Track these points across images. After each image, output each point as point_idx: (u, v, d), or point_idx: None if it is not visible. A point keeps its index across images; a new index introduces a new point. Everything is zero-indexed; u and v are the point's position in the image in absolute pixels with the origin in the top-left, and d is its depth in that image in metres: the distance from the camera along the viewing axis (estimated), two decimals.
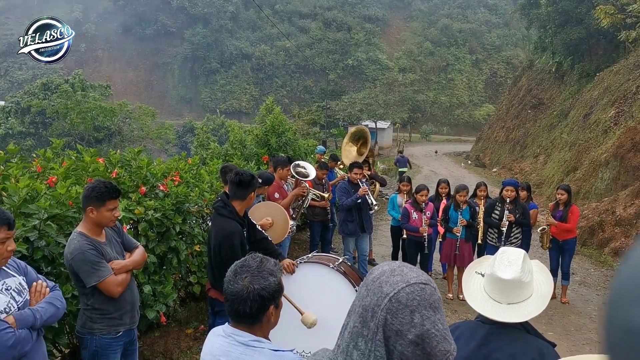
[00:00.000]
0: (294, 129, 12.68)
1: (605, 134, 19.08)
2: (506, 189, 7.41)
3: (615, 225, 12.70)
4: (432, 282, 1.41)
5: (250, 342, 1.86)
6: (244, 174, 4.19)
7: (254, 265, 1.89)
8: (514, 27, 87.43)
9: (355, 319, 1.38)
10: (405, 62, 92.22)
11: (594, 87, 24.52)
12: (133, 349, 3.79)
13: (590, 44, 28.25)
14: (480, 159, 37.35)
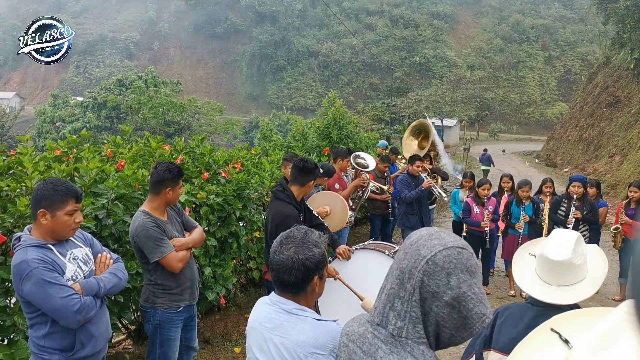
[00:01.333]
0: (355, 121, 12.68)
1: None
2: (573, 185, 7.13)
3: None
4: (469, 247, 1.42)
5: (294, 310, 1.91)
6: (309, 161, 4.31)
7: (299, 236, 1.94)
8: (590, 23, 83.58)
9: (392, 281, 1.41)
10: (474, 59, 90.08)
11: None
12: (192, 325, 3.96)
13: None
14: (551, 159, 36.01)
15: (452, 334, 1.35)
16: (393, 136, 40.05)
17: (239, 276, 6.14)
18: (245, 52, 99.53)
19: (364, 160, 7.73)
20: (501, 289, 7.87)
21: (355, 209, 7.51)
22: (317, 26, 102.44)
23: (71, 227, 2.85)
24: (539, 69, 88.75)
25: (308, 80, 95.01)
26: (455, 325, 1.34)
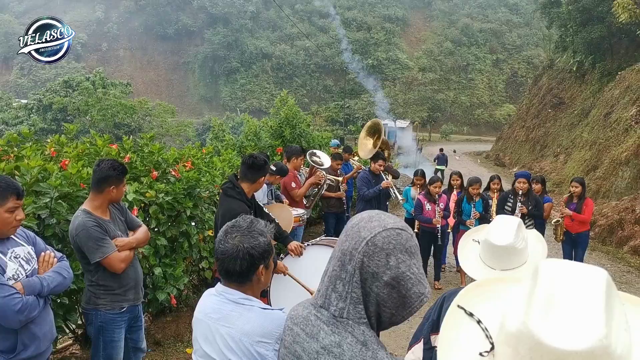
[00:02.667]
0: (307, 120, 12.71)
1: (626, 132, 18.80)
2: (518, 181, 7.38)
3: (635, 224, 12.51)
4: (410, 229, 1.44)
5: (240, 300, 1.90)
6: (258, 157, 4.27)
7: (245, 225, 1.92)
8: (535, 27, 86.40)
9: (334, 263, 1.43)
10: (425, 61, 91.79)
11: (615, 86, 24.16)
12: (138, 325, 3.87)
13: (611, 42, 27.84)
14: (500, 158, 37.05)
15: (392, 313, 1.37)
16: (347, 137, 40.37)
17: (190, 276, 6.04)
18: (198, 54, 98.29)
19: (319, 158, 7.77)
20: (452, 284, 8.04)
21: (310, 207, 7.52)
22: (270, 28, 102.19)
23: (12, 224, 2.76)
24: (487, 72, 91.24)
25: (262, 82, 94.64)
26: (395, 305, 1.35)
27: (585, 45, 28.93)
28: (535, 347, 0.83)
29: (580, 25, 28.64)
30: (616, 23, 23.06)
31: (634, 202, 13.53)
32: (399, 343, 5.59)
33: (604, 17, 25.81)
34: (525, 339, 0.85)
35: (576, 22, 29.03)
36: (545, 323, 0.84)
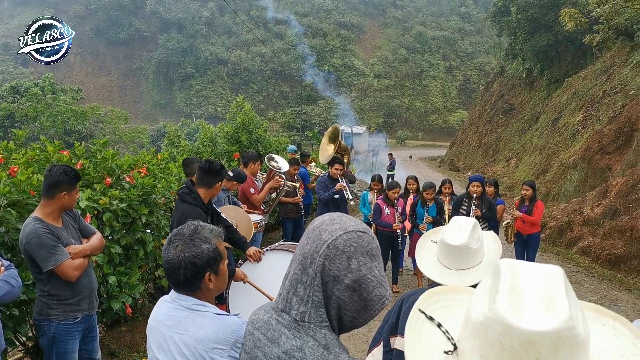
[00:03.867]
0: (264, 126, 12.67)
1: (573, 137, 19.48)
2: (472, 185, 7.54)
3: (583, 225, 12.95)
4: (371, 231, 1.44)
5: (194, 306, 1.87)
6: (215, 162, 4.22)
7: (187, 233, 1.88)
8: (486, 35, 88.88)
9: (295, 267, 1.41)
10: (380, 68, 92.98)
11: (563, 92, 25.05)
12: (93, 335, 3.75)
13: (558, 50, 28.86)
14: (454, 163, 37.79)
15: (353, 316, 1.36)
16: (304, 142, 40.47)
17: (146, 285, 5.89)
18: (151, 60, 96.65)
19: (277, 163, 7.76)
20: (410, 287, 8.12)
21: (268, 212, 7.48)
22: (225, 34, 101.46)
23: None
24: (440, 78, 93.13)
25: (217, 88, 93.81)
26: (357, 308, 1.35)
27: (533, 53, 29.91)
28: (504, 331, 0.85)
29: (529, 33, 29.59)
30: (563, 32, 23.92)
31: (582, 204, 14.01)
32: (359, 347, 5.60)
33: (551, 26, 26.73)
34: (494, 325, 0.87)
35: (525, 30, 29.97)
36: (513, 308, 0.87)
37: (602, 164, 15.73)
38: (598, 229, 12.24)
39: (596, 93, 20.07)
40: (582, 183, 16.12)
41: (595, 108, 19.34)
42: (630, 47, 21.23)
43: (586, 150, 16.69)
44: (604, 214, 12.54)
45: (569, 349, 0.84)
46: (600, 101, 19.24)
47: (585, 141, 17.28)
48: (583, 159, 16.60)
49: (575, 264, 11.15)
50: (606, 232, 11.79)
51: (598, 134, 16.80)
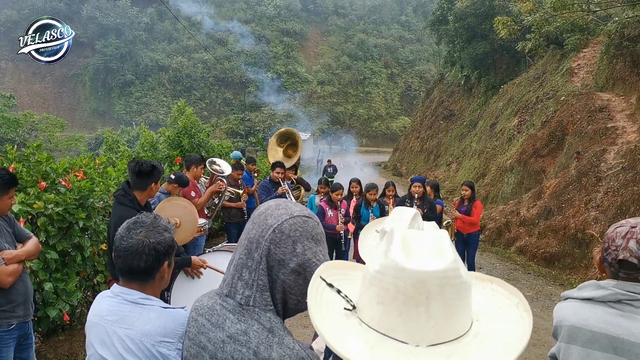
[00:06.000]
0: (206, 129, 12.54)
1: (509, 141, 20.23)
2: (414, 185, 7.80)
3: (520, 226, 13.47)
4: (315, 217, 1.48)
5: (140, 300, 1.84)
6: (144, 163, 4.13)
7: (148, 221, 1.88)
8: (426, 43, 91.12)
9: (240, 252, 1.43)
10: (324, 75, 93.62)
11: (499, 98, 26.00)
12: (28, 343, 3.62)
13: (494, 58, 29.95)
14: (398, 168, 38.49)
15: (298, 300, 1.39)
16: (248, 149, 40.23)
17: (84, 292, 5.71)
18: (89, 66, 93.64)
19: (219, 166, 7.68)
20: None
21: (211, 217, 7.40)
22: (165, 40, 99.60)
23: None
24: (383, 85, 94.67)
25: (159, 95, 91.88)
26: (302, 292, 1.37)
27: (471, 61, 30.91)
28: (398, 275, 0.94)
29: (466, 42, 30.58)
30: (498, 40, 24.86)
31: (519, 206, 14.58)
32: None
33: (487, 35, 27.73)
34: (389, 271, 0.95)
35: (462, 39, 30.95)
36: (405, 256, 0.96)
37: (536, 166, 16.41)
38: (534, 229, 12.77)
39: (530, 99, 20.95)
40: (519, 185, 16.77)
41: (529, 113, 20.18)
42: (560, 55, 22.29)
43: (522, 153, 17.38)
44: (539, 215, 13.09)
45: (454, 287, 0.94)
46: (533, 107, 20.09)
47: (521, 145, 17.99)
48: (519, 162, 17.27)
49: (513, 262, 11.62)
50: (541, 232, 12.31)
51: (532, 138, 17.53)
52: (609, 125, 14.50)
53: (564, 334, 1.94)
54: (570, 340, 1.91)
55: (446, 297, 0.94)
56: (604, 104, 15.80)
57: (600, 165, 12.57)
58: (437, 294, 0.93)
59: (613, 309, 1.83)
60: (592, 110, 15.57)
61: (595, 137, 14.33)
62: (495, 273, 10.48)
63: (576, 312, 1.92)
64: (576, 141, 15.06)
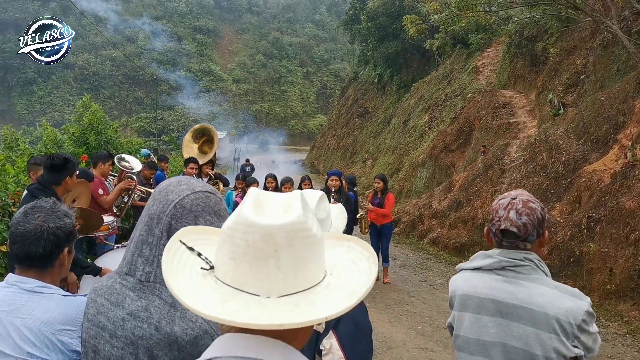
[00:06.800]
0: (114, 126, 12.03)
1: (421, 137, 20.93)
2: (331, 179, 7.96)
3: (432, 218, 13.98)
4: (218, 193, 1.48)
5: (37, 289, 1.74)
6: (57, 156, 3.96)
7: (47, 206, 1.79)
8: (340, 42, 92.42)
9: (141, 228, 1.40)
10: (239, 73, 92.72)
11: (411, 96, 26.84)
12: None
13: (406, 57, 30.87)
14: (315, 166, 38.80)
15: None
16: (161, 148, 39.14)
17: None
18: None
19: (128, 163, 7.36)
20: None
21: (120, 215, 7.08)
22: None
23: None
24: (299, 84, 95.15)
25: (64, 94, 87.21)
26: None
27: (383, 59, 31.68)
28: (247, 229, 0.97)
29: (379, 41, 31.30)
30: (408, 39, 25.63)
31: (431, 199, 15.12)
32: None
33: (398, 34, 28.50)
34: (239, 227, 0.98)
35: (375, 38, 31.66)
36: (256, 212, 1.00)
37: (446, 161, 17.08)
38: (445, 221, 13.29)
39: (439, 96, 21.78)
40: (431, 179, 17.39)
41: (439, 110, 20.97)
42: (466, 54, 23.34)
43: (433, 149, 18.02)
44: (449, 207, 13.63)
45: (302, 240, 0.98)
46: (443, 104, 20.90)
47: (432, 141, 18.66)
48: (430, 157, 17.90)
49: (426, 252, 12.09)
50: (452, 223, 12.83)
51: (442, 133, 18.23)
52: (511, 120, 15.35)
53: (457, 303, 2.08)
54: (463, 308, 2.05)
55: (295, 250, 0.97)
56: (506, 100, 16.71)
57: (504, 158, 13.28)
58: (286, 247, 0.96)
59: (498, 275, 1.96)
60: (496, 106, 16.41)
61: (499, 132, 15.12)
62: (409, 263, 10.90)
63: (467, 281, 2.07)
64: (482, 136, 15.82)
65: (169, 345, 1.30)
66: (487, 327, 1.95)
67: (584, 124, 11.28)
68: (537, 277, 1.92)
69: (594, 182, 9.46)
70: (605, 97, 11.15)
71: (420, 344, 6.30)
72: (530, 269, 1.92)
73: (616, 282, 7.80)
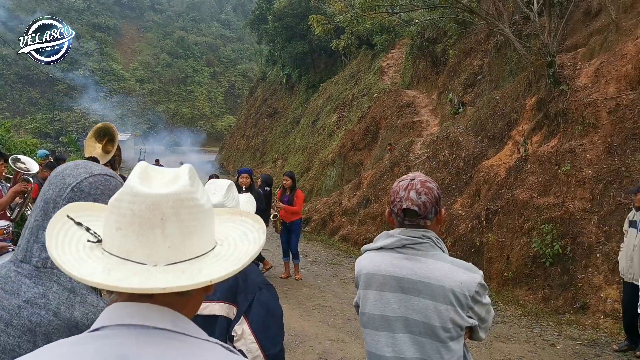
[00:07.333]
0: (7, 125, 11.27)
1: (330, 137, 21.25)
2: (241, 176, 8.05)
3: (342, 215, 14.23)
4: (118, 177, 1.44)
5: None
6: None
7: None
8: (247, 42, 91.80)
9: (36, 214, 1.35)
10: (143, 73, 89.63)
11: (319, 96, 27.17)
12: None
13: (313, 57, 31.21)
14: (225, 167, 38.30)
15: None
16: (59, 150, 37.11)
17: None
18: None
19: (24, 164, 6.87)
20: None
21: (15, 219, 6.60)
22: None
23: None
24: (206, 84, 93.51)
25: None
26: None
27: (291, 60, 31.83)
28: (133, 199, 0.97)
29: (286, 41, 31.41)
30: (315, 40, 25.95)
31: (341, 197, 15.39)
32: None
33: (305, 35, 28.76)
34: (125, 197, 0.98)
35: (282, 38, 31.73)
36: (142, 182, 1.00)
37: (355, 159, 17.46)
38: (355, 217, 13.57)
39: (347, 96, 22.21)
40: (340, 177, 17.69)
41: (347, 110, 21.39)
42: (372, 55, 23.97)
43: (341, 148, 18.35)
44: (359, 204, 13.94)
45: (189, 209, 0.99)
46: (350, 103, 21.34)
47: (340, 140, 18.99)
48: (339, 156, 18.21)
49: (337, 248, 12.32)
50: (361, 219, 13.14)
51: (350, 132, 18.60)
52: (415, 119, 15.95)
53: (362, 282, 2.17)
54: (367, 286, 2.14)
55: (181, 219, 0.98)
56: (410, 100, 17.34)
57: (409, 156, 13.77)
58: (172, 215, 0.97)
59: (400, 253, 2.07)
60: (400, 106, 16.99)
61: (404, 130, 15.66)
62: (320, 259, 11.08)
63: (371, 260, 2.17)
64: (388, 134, 16.31)
65: (68, 330, 1.26)
66: (389, 302, 2.05)
67: (481, 122, 11.94)
68: (434, 253, 2.04)
69: (492, 176, 10.04)
70: (500, 96, 11.86)
71: (332, 335, 6.42)
72: (428, 246, 2.04)
73: (513, 270, 8.32)
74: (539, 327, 6.87)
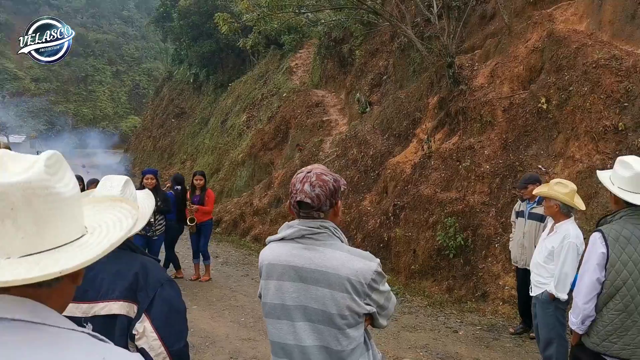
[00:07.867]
0: None
1: (240, 137, 21.05)
2: (146, 177, 7.89)
3: (254, 215, 14.16)
4: None
5: None
6: None
7: None
8: (151, 40, 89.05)
9: None
10: (38, 71, 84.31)
11: (228, 96, 26.84)
12: None
13: (221, 57, 30.74)
14: (130, 170, 36.89)
15: None
16: None
17: None
18: None
19: None
20: None
21: None
22: None
23: None
24: (108, 83, 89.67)
25: None
26: None
27: (198, 59, 31.19)
28: None
29: (192, 40, 30.72)
30: (223, 39, 25.55)
31: (251, 197, 15.31)
32: None
33: (212, 34, 28.24)
34: None
35: (188, 36, 31.00)
36: None
37: (265, 159, 17.41)
38: (266, 217, 13.55)
39: (256, 96, 22.10)
40: (251, 178, 17.58)
41: (256, 109, 21.28)
42: (280, 55, 24.00)
43: (252, 147, 18.24)
44: (270, 204, 13.93)
45: (43, 198, 0.96)
46: (260, 103, 21.25)
47: (251, 140, 18.87)
48: (250, 155, 18.10)
49: (249, 248, 12.30)
50: (273, 219, 13.14)
51: (260, 132, 18.54)
52: (324, 118, 16.16)
53: (264, 272, 2.20)
54: (268, 276, 2.17)
55: (35, 209, 0.95)
56: (319, 99, 17.54)
57: (319, 154, 13.94)
58: (23, 205, 0.93)
59: (298, 243, 2.12)
60: (310, 105, 17.14)
61: (314, 130, 15.82)
62: (231, 260, 11.02)
63: (272, 251, 2.21)
64: (298, 134, 16.41)
65: None
66: (289, 292, 2.08)
67: (388, 120, 12.31)
68: (332, 242, 2.09)
69: (398, 173, 10.38)
70: (405, 95, 12.28)
71: (243, 334, 6.41)
72: (326, 236, 2.09)
73: (419, 262, 8.65)
74: (443, 315, 7.20)
